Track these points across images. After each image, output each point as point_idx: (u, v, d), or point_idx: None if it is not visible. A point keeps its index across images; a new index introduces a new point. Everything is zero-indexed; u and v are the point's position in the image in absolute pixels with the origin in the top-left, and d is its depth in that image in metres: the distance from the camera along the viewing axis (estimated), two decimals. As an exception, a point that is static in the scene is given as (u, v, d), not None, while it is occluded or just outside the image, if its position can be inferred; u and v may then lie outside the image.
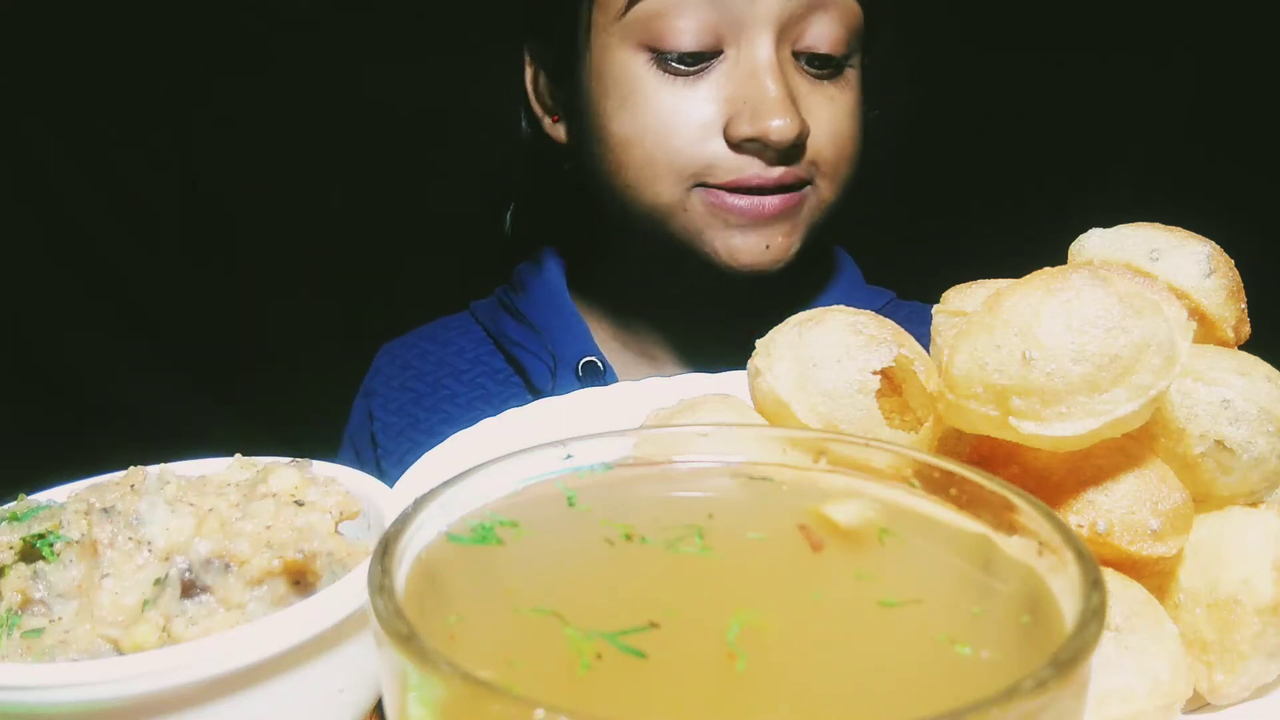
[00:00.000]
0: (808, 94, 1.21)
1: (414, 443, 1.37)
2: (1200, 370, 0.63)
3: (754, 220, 1.20)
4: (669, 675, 0.37)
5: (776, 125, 1.14)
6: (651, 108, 1.19)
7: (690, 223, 1.22)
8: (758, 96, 1.16)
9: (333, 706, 0.58)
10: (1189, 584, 0.61)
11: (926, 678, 0.38)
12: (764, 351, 0.72)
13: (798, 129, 1.15)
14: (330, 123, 2.18)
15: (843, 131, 1.23)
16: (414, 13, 2.13)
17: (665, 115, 1.19)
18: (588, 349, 1.35)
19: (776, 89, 1.16)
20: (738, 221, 1.20)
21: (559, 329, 1.38)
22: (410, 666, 0.33)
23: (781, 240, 1.22)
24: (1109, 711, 0.54)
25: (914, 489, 0.48)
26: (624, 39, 1.19)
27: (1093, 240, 0.73)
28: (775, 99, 1.15)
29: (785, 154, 1.18)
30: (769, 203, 1.20)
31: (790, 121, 1.14)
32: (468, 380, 1.42)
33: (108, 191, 2.28)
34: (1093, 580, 0.37)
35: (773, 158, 1.18)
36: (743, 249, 1.21)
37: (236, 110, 2.22)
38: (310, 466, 0.68)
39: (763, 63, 1.17)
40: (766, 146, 1.16)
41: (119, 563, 0.59)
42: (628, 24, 1.19)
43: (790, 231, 1.23)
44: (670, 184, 1.20)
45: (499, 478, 0.48)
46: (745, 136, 1.16)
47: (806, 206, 1.23)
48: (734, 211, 1.19)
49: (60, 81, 2.18)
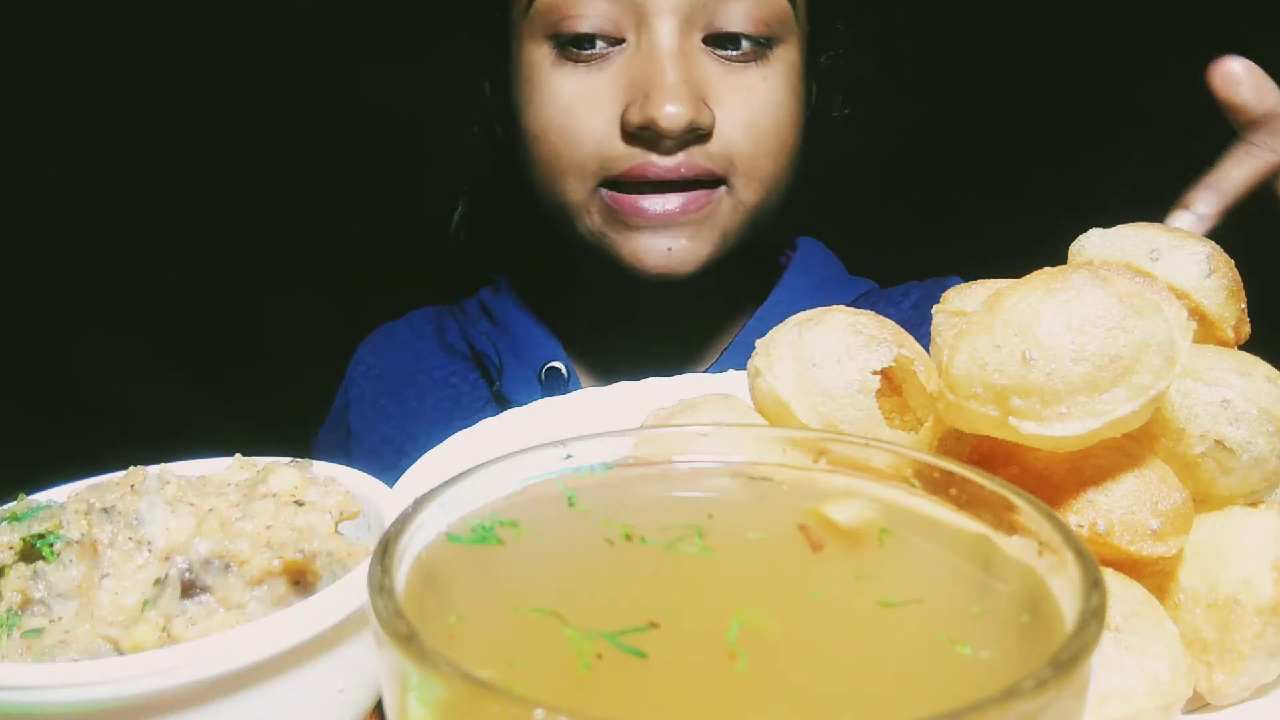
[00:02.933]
0: (719, 81, 1.15)
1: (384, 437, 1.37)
2: (1200, 370, 0.63)
3: (655, 222, 1.15)
4: (669, 675, 0.37)
5: (668, 111, 1.09)
6: (553, 97, 1.16)
7: (595, 225, 1.19)
8: (652, 82, 1.11)
9: (333, 706, 0.58)
10: (1189, 584, 0.61)
11: (926, 678, 0.38)
12: (764, 351, 0.72)
13: (690, 116, 1.09)
14: (330, 123, 2.18)
15: (760, 123, 1.16)
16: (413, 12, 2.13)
17: (565, 103, 1.16)
18: (552, 354, 1.33)
19: (673, 75, 1.11)
20: (639, 223, 1.15)
21: (522, 333, 1.36)
22: (410, 666, 0.33)
23: (686, 244, 1.16)
24: (1109, 711, 0.54)
25: (914, 489, 0.48)
26: (530, 33, 1.18)
27: (1093, 240, 0.73)
28: (670, 84, 1.10)
29: (682, 143, 1.13)
30: (672, 202, 1.15)
31: (683, 108, 1.09)
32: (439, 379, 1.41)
33: (108, 191, 2.28)
34: (1093, 580, 0.37)
35: (669, 147, 1.12)
36: (645, 252, 1.16)
37: (236, 110, 2.22)
38: (310, 466, 0.68)
39: (661, 48, 1.12)
40: (661, 135, 1.11)
41: (119, 563, 0.59)
42: (532, 17, 1.17)
43: (696, 234, 1.16)
44: (575, 181, 1.17)
45: (499, 478, 0.48)
46: (636, 124, 1.11)
47: (721, 209, 1.17)
48: (634, 212, 1.15)
49: (60, 81, 2.18)
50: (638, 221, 1.16)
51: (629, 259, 1.18)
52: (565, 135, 1.16)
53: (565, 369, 1.31)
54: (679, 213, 1.15)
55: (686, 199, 1.15)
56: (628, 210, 1.16)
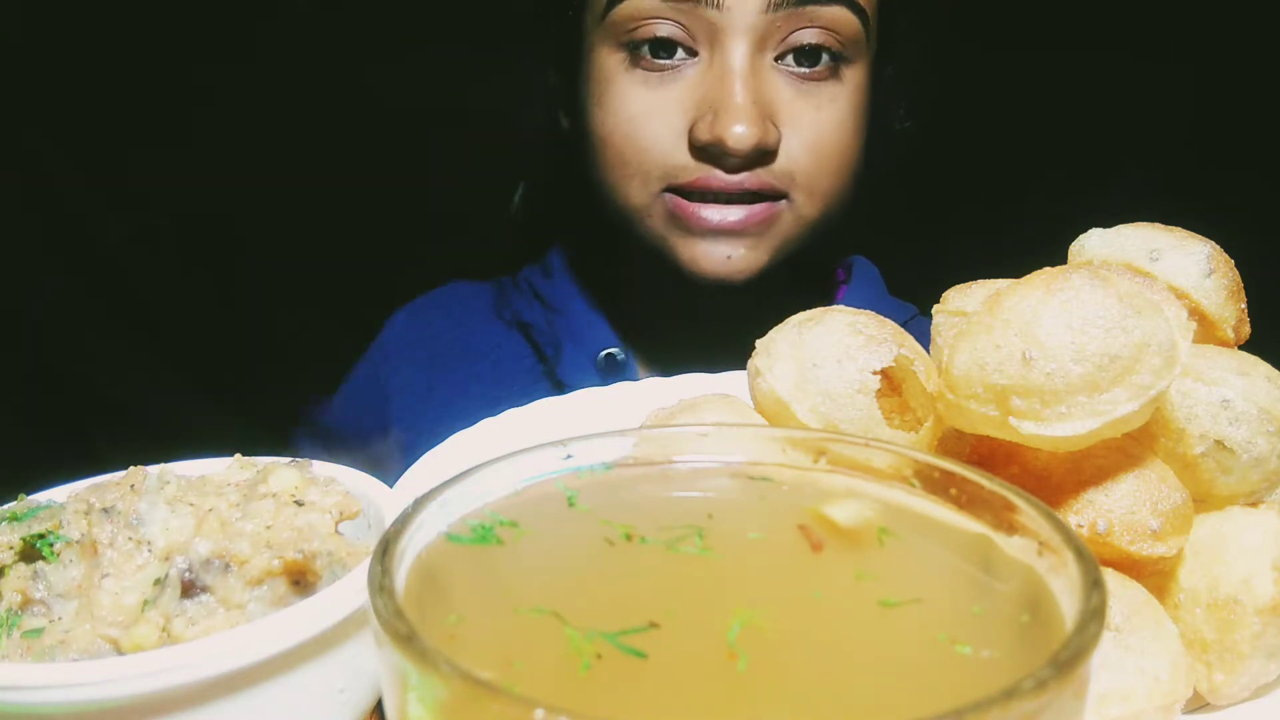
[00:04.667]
0: (790, 101, 1.18)
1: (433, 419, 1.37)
2: (1200, 370, 0.63)
3: (717, 231, 1.18)
4: (669, 675, 0.37)
5: (736, 132, 1.11)
6: (623, 105, 1.19)
7: (655, 228, 1.21)
8: (722, 101, 1.13)
9: (333, 706, 0.58)
10: (1189, 584, 0.61)
11: (926, 677, 0.38)
12: (764, 352, 0.72)
13: (757, 138, 1.12)
14: (331, 123, 2.18)
15: (825, 142, 1.19)
16: (415, 11, 2.14)
17: (634, 112, 1.18)
18: (608, 340, 1.35)
19: (742, 95, 1.13)
20: (700, 230, 1.18)
21: (579, 319, 1.38)
22: (410, 666, 0.33)
23: (745, 253, 1.19)
24: (1109, 711, 0.54)
25: (914, 489, 0.48)
26: (604, 38, 1.20)
27: (1093, 240, 0.73)
28: (739, 105, 1.12)
29: (749, 161, 1.15)
30: (733, 214, 1.17)
31: (750, 129, 1.12)
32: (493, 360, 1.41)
33: (108, 191, 2.28)
34: (1093, 580, 0.37)
35: (734, 165, 1.15)
36: (704, 258, 1.19)
37: (237, 110, 2.22)
38: (310, 466, 0.68)
39: (733, 68, 1.14)
40: (725, 153, 1.14)
41: (119, 563, 0.59)
42: (608, 24, 1.19)
43: (755, 245, 1.19)
44: (639, 185, 1.20)
45: (499, 478, 0.48)
46: (704, 141, 1.14)
47: (781, 222, 1.20)
48: (695, 220, 1.17)
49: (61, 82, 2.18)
50: (699, 229, 1.18)
51: (687, 263, 1.21)
52: (632, 141, 1.19)
53: (622, 354, 1.33)
54: (739, 225, 1.18)
55: (748, 212, 1.18)
56: (690, 217, 1.18)
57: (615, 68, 1.20)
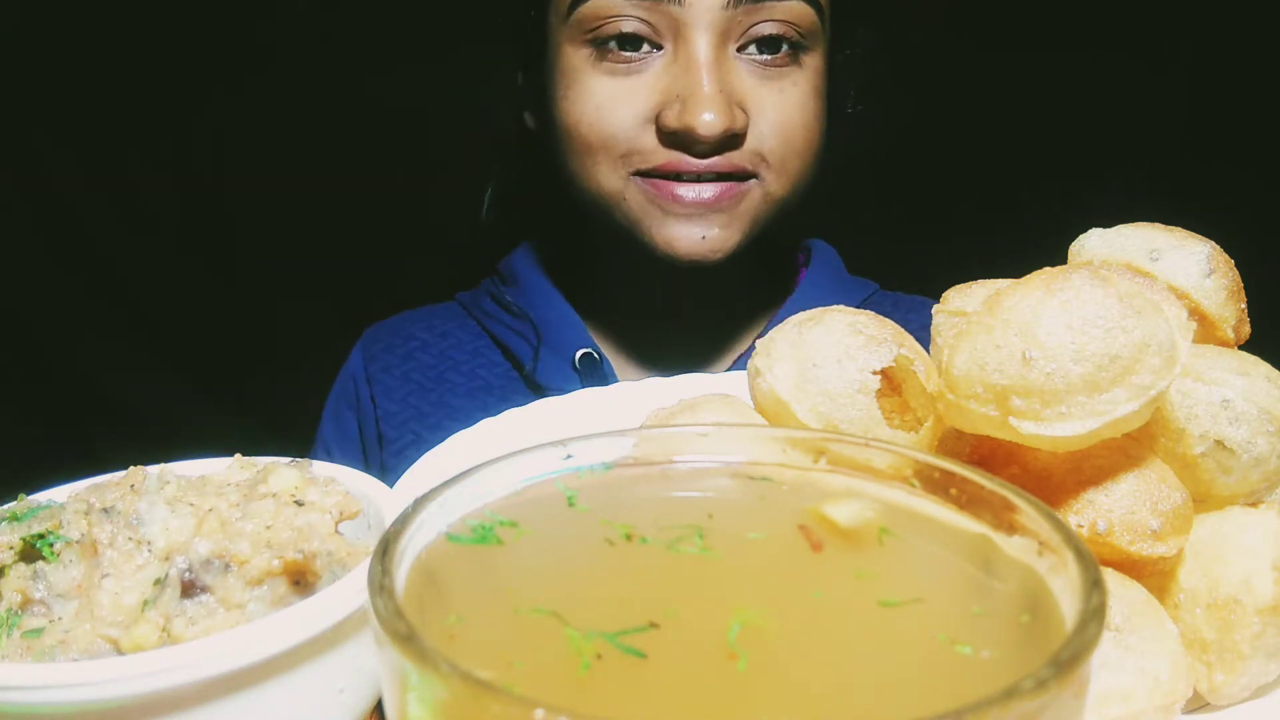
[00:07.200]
0: (754, 87, 1.21)
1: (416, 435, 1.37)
2: (1200, 370, 0.63)
3: (690, 209, 1.20)
4: (669, 675, 0.37)
5: (705, 120, 1.15)
6: (590, 94, 1.21)
7: (630, 212, 1.23)
8: (690, 91, 1.16)
9: (333, 706, 0.58)
10: (1189, 584, 0.61)
11: (926, 677, 0.37)
12: (764, 351, 0.72)
13: (725, 125, 1.15)
14: (330, 123, 2.18)
15: (791, 123, 1.23)
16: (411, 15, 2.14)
17: (601, 99, 1.21)
18: (584, 341, 1.36)
19: (710, 85, 1.16)
20: (674, 210, 1.21)
21: (553, 322, 1.38)
22: (410, 666, 0.33)
23: (719, 231, 1.22)
24: (1109, 711, 0.54)
25: (914, 489, 0.48)
26: (570, 36, 1.23)
27: (1093, 240, 0.73)
28: (707, 94, 1.16)
29: (719, 147, 1.18)
30: (706, 191, 1.20)
31: (719, 117, 1.15)
32: (467, 372, 1.42)
33: (108, 191, 2.28)
34: (1093, 580, 0.37)
35: (703, 150, 1.18)
36: (679, 238, 1.21)
37: (237, 111, 2.22)
38: (310, 466, 0.68)
39: (699, 59, 1.18)
40: (695, 140, 1.16)
41: (119, 563, 0.59)
42: (573, 24, 1.22)
43: (728, 223, 1.22)
44: (608, 170, 1.22)
45: (499, 478, 0.48)
46: (673, 128, 1.17)
47: (749, 200, 1.23)
48: (670, 199, 1.20)
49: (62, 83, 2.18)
50: (674, 208, 1.21)
51: (663, 245, 1.23)
52: (598, 128, 1.21)
53: (597, 354, 1.34)
54: (713, 200, 1.20)
55: (720, 189, 1.21)
56: (665, 197, 1.21)
57: (582, 63, 1.23)
